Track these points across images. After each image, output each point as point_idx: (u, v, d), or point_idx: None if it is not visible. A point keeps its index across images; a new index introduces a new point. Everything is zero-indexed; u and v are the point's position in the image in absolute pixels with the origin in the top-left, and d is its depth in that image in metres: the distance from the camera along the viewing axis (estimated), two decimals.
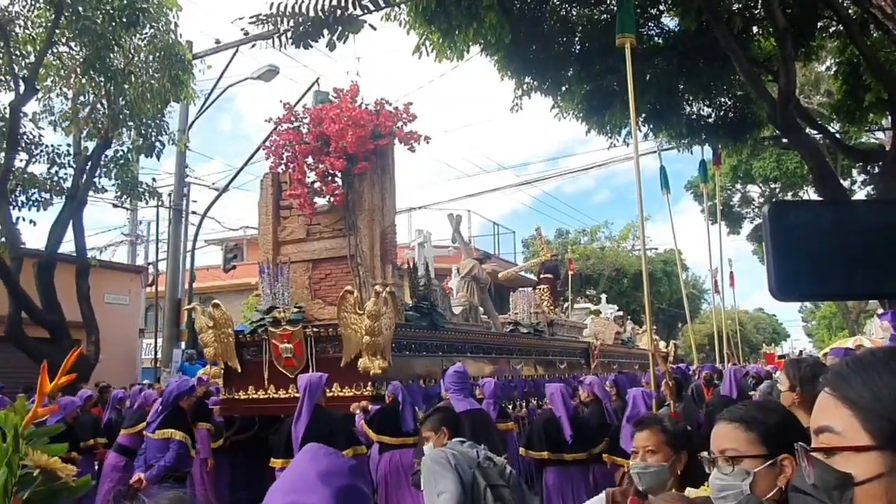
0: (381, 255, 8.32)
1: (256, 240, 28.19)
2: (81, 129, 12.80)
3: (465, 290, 11.23)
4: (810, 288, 0.82)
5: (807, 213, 0.84)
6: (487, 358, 10.20)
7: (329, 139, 8.18)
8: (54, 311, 12.57)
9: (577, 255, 33.44)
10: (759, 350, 38.39)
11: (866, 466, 0.80)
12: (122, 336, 17.78)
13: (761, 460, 1.69)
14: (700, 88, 12.26)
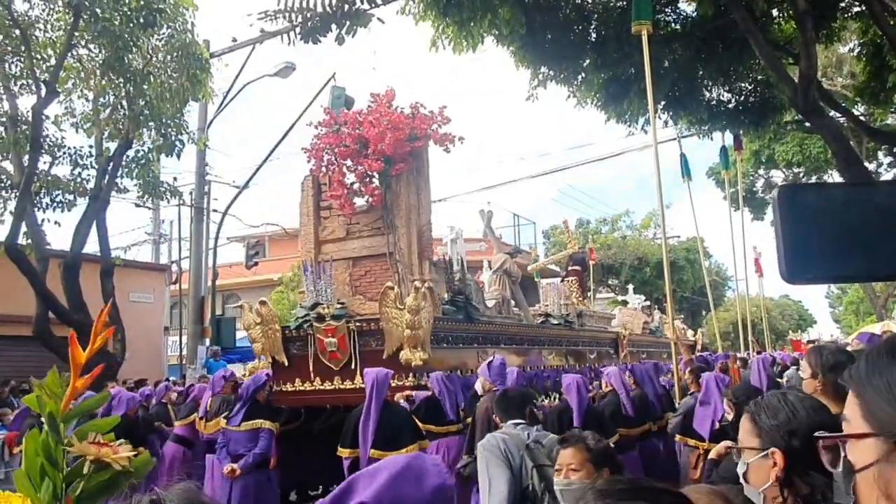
0: (419, 252, 8.76)
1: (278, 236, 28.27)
2: (103, 130, 12.94)
3: (497, 283, 11.63)
4: (821, 271, 0.81)
5: (817, 196, 0.83)
6: (520, 349, 10.45)
7: (367, 142, 8.59)
8: (80, 311, 12.74)
9: (599, 244, 33.28)
10: (786, 337, 38.00)
11: (864, 454, 0.81)
12: (148, 334, 18.02)
13: (754, 452, 1.72)
14: (720, 73, 12.10)
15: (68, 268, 12.72)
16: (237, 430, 6.96)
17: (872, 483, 0.80)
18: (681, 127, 14.62)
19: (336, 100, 12.65)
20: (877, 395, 0.81)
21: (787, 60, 11.29)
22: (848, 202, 0.81)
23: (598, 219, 40.43)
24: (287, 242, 29.92)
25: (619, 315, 17.61)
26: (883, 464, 0.79)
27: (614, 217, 40.00)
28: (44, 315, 12.34)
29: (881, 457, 0.79)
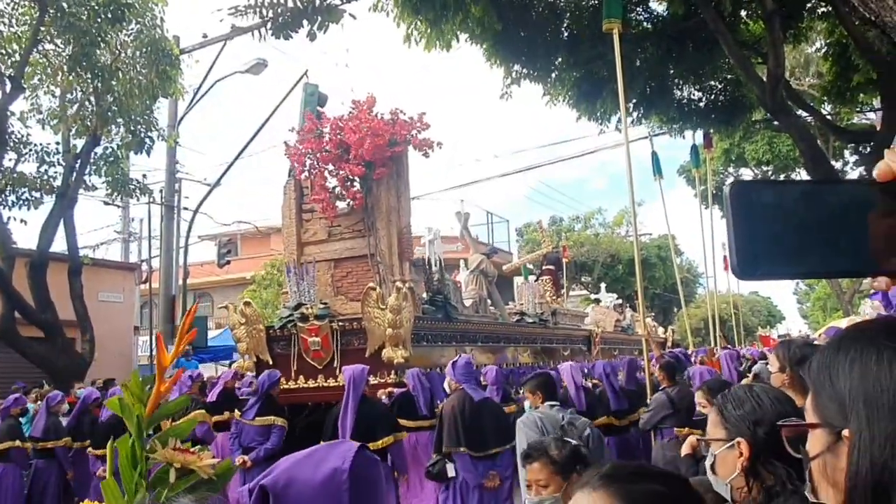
0: (399, 254, 9.12)
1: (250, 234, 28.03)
2: (70, 126, 12.72)
3: (474, 283, 11.98)
4: (772, 267, 0.81)
5: (769, 193, 0.83)
6: (496, 347, 10.78)
7: (349, 147, 8.86)
8: (47, 310, 12.54)
9: (572, 242, 33.47)
10: (755, 333, 38.55)
11: (814, 444, 0.84)
12: (118, 334, 17.76)
13: (721, 443, 1.74)
14: (690, 72, 12.24)
15: (35, 267, 12.50)
16: (250, 423, 7.19)
17: (822, 472, 0.83)
18: (652, 125, 14.76)
19: (309, 97, 12.56)
20: (822, 388, 0.84)
21: (756, 60, 11.45)
22: (799, 200, 0.81)
23: (571, 216, 40.69)
24: (259, 241, 29.71)
25: (592, 313, 17.99)
26: (828, 454, 0.82)
27: (587, 215, 40.28)
28: (10, 315, 12.12)
29: (826, 447, 0.82)
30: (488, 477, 5.71)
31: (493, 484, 5.71)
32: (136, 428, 1.25)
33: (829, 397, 0.82)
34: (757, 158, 24.01)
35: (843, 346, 0.84)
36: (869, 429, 0.77)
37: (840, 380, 0.81)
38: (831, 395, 0.82)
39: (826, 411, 0.83)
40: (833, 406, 0.81)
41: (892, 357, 0.78)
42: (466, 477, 5.69)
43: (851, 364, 0.81)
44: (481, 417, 5.77)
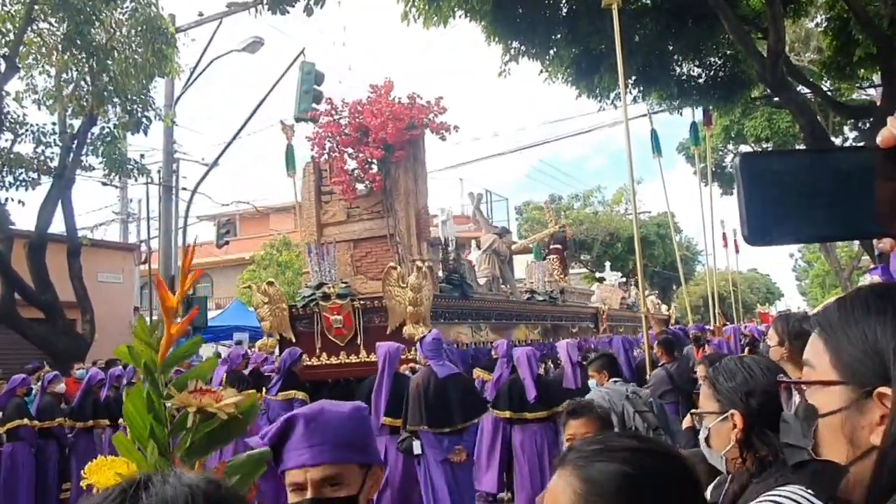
0: (417, 234, 9.42)
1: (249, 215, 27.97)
2: (66, 106, 12.63)
3: (486, 262, 12.35)
4: (781, 233, 0.85)
5: (777, 162, 0.87)
6: (509, 324, 11.25)
7: (368, 130, 9.12)
8: (47, 292, 12.54)
9: (571, 220, 33.43)
10: (754, 310, 38.63)
11: (829, 400, 0.84)
12: (118, 314, 17.77)
13: (714, 416, 1.73)
14: (689, 49, 12.15)
15: (34, 248, 12.48)
16: (274, 399, 7.54)
17: (837, 429, 0.83)
18: (651, 102, 14.68)
19: (306, 76, 12.49)
20: (850, 344, 0.83)
21: (756, 35, 11.36)
22: (805, 168, 0.84)
23: (570, 194, 40.60)
24: (258, 221, 29.68)
25: (598, 291, 18.41)
26: (850, 411, 0.81)
27: (586, 193, 40.19)
28: (9, 296, 12.13)
29: (849, 404, 0.82)
30: (454, 451, 5.77)
31: (460, 458, 5.80)
32: (146, 374, 1.22)
33: (864, 353, 0.81)
34: (756, 135, 23.88)
35: (874, 304, 0.83)
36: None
37: (879, 336, 0.81)
38: (865, 351, 0.81)
39: (853, 368, 0.82)
40: (868, 363, 0.81)
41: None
42: (429, 453, 5.79)
43: (892, 321, 0.80)
44: (446, 393, 5.83)
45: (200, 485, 0.69)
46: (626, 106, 8.34)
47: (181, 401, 1.21)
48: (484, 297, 10.77)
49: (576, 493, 1.02)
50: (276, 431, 1.51)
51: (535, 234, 21.44)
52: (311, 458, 1.46)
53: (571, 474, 1.04)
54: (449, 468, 5.78)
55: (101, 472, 1.11)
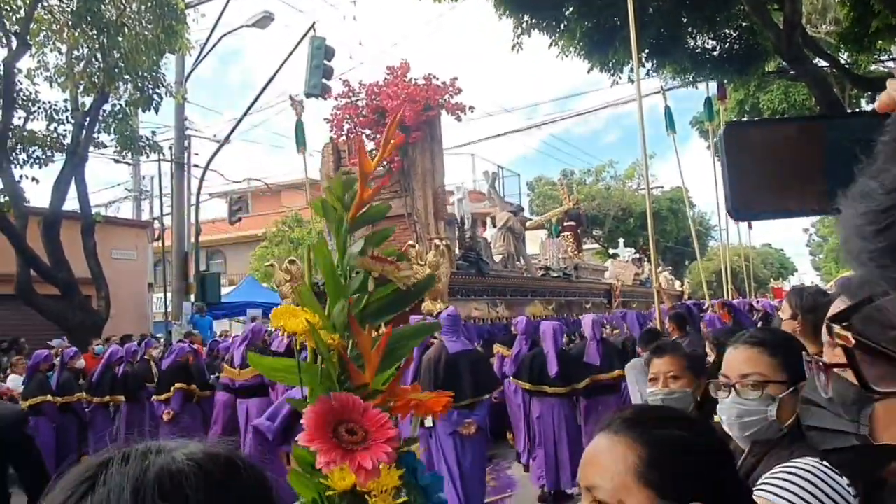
0: (434, 212, 9.74)
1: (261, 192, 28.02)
2: (77, 83, 12.65)
3: (502, 239, 12.57)
4: (766, 206, 0.82)
5: (763, 132, 0.83)
6: (524, 300, 11.49)
7: (385, 112, 9.37)
8: (62, 269, 12.66)
9: (583, 195, 33.29)
10: (767, 285, 38.47)
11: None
12: (132, 291, 17.95)
13: (784, 386, 1.64)
14: (704, 21, 11.96)
15: (48, 225, 12.58)
16: None
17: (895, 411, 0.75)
18: (665, 76, 14.52)
19: (316, 50, 12.43)
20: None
21: (772, 6, 11.17)
22: (795, 137, 0.81)
23: (583, 170, 40.38)
24: (270, 198, 29.72)
25: (612, 267, 18.64)
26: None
27: (598, 168, 39.95)
28: (25, 273, 12.25)
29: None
30: (463, 425, 5.84)
31: (469, 431, 5.85)
32: (336, 230, 1.23)
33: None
34: (772, 108, 23.57)
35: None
36: None
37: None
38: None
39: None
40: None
41: None
42: (439, 425, 5.84)
43: None
44: (457, 368, 5.89)
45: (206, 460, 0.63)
46: (640, 80, 8.25)
47: (364, 264, 1.19)
48: (500, 274, 10.93)
49: (639, 458, 1.03)
50: (287, 414, 1.47)
51: (550, 211, 21.53)
52: None
53: (632, 439, 1.05)
54: (458, 440, 5.85)
55: (289, 318, 1.10)
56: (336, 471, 0.93)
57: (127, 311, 16.56)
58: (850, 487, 1.36)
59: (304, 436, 0.94)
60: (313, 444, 0.93)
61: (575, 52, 12.12)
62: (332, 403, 0.99)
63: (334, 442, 0.94)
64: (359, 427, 0.97)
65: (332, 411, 0.98)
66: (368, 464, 0.93)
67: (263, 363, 1.19)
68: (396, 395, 1.13)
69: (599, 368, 6.90)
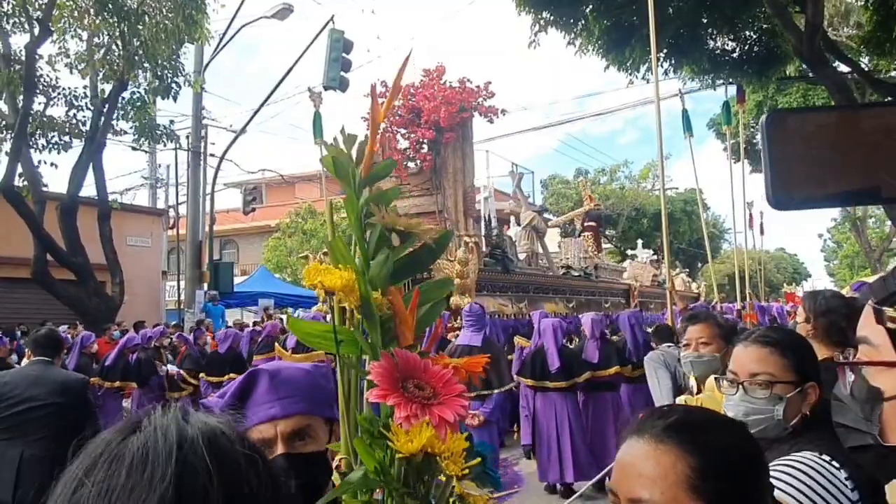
0: (464, 210, 10.12)
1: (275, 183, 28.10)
2: (97, 70, 12.75)
3: (526, 238, 12.92)
4: (808, 196, 0.80)
5: (806, 120, 0.81)
6: (545, 297, 11.87)
7: (420, 112, 9.78)
8: (79, 254, 12.76)
9: (597, 195, 33.21)
10: (780, 290, 38.22)
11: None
12: (146, 278, 18.09)
13: (792, 386, 1.65)
14: (724, 22, 11.89)
15: (65, 210, 12.68)
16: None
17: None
18: (683, 77, 14.44)
19: (335, 43, 12.46)
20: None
21: (794, 9, 11.09)
22: (839, 125, 0.79)
23: (597, 169, 40.26)
24: (284, 189, 29.83)
25: (630, 268, 19.10)
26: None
27: (613, 168, 39.82)
28: (42, 257, 12.36)
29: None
30: (468, 415, 5.92)
31: (474, 422, 5.92)
32: (351, 188, 1.14)
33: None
34: None
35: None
36: None
37: None
38: None
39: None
40: None
41: None
42: None
43: None
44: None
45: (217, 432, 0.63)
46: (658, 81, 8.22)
47: (387, 220, 1.10)
48: (524, 271, 11.27)
49: (692, 468, 0.94)
50: (238, 387, 1.44)
51: (572, 212, 21.75)
52: (282, 409, 1.41)
53: (681, 448, 0.96)
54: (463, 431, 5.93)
55: (325, 275, 1.05)
56: (402, 434, 0.89)
57: (140, 298, 16.69)
58: (849, 481, 1.38)
59: (376, 392, 0.90)
60: (390, 399, 0.89)
61: (592, 51, 12.08)
62: (397, 360, 0.96)
63: (408, 396, 0.91)
64: (426, 384, 0.94)
65: (398, 368, 0.94)
66: (449, 416, 0.90)
67: (300, 328, 1.17)
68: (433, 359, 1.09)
69: (597, 366, 7.05)
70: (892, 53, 12.92)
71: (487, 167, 28.37)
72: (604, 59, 12.17)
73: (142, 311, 15.90)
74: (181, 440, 0.58)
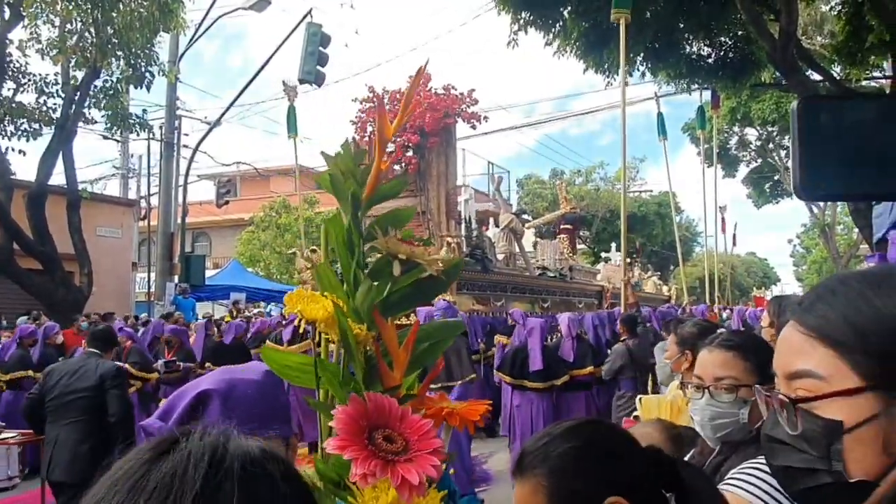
0: (447, 212, 10.54)
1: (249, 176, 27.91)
2: (69, 57, 12.51)
3: (504, 240, 13.35)
4: (837, 187, 0.78)
5: (838, 109, 0.78)
6: (522, 296, 12.33)
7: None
8: (46, 243, 12.55)
9: (572, 195, 33.40)
10: (750, 293, 38.74)
11: (856, 410, 0.72)
12: (115, 269, 17.82)
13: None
14: (700, 27, 12.01)
15: (33, 198, 12.46)
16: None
17: (870, 439, 0.72)
18: (660, 81, 14.57)
19: (312, 37, 12.38)
20: (864, 342, 0.73)
21: (769, 17, 11.23)
22: (870, 116, 0.76)
23: (573, 170, 40.50)
24: (258, 183, 29.59)
25: (604, 270, 19.62)
26: (884, 417, 0.71)
27: (588, 169, 40.09)
28: (8, 246, 12.14)
29: (881, 410, 0.71)
30: None
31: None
32: (351, 207, 1.04)
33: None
34: (763, 118, 23.80)
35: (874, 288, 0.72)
36: None
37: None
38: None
39: (874, 370, 0.71)
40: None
41: None
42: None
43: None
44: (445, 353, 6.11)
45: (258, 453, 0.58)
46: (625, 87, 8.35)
47: (388, 246, 0.99)
48: (502, 271, 11.57)
49: (546, 493, 0.99)
50: (184, 411, 1.31)
51: (550, 214, 22.08)
52: None
53: (536, 475, 1.01)
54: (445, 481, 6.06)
55: (308, 303, 0.95)
56: (368, 490, 0.78)
57: (109, 289, 16.45)
58: None
59: (335, 442, 0.80)
60: (347, 452, 0.79)
61: (570, 52, 12.13)
62: (367, 405, 0.84)
63: (372, 450, 0.80)
64: (397, 435, 0.83)
65: (367, 415, 0.83)
66: (414, 478, 0.78)
67: (275, 358, 1.07)
68: (427, 402, 0.98)
69: (573, 364, 7.17)
70: (863, 63, 13.13)
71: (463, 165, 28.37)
72: (582, 60, 12.23)
73: (110, 303, 15.68)
74: (213, 472, 0.53)
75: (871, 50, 11.93)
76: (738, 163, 30.04)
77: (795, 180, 0.77)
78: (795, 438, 0.76)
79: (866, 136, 0.76)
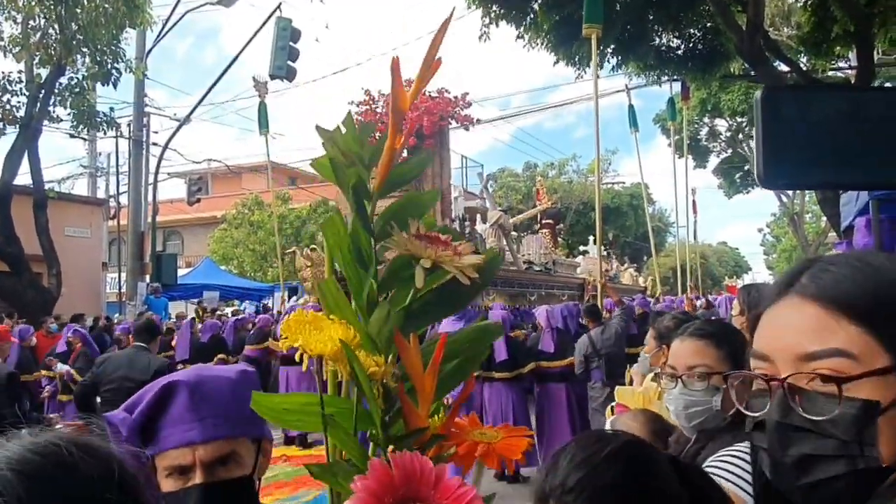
0: (441, 211, 10.65)
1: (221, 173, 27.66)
2: (33, 54, 12.28)
3: (493, 235, 13.79)
4: (799, 176, 0.79)
5: (800, 99, 0.79)
6: (511, 291, 12.90)
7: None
8: (13, 244, 12.33)
9: (545, 189, 33.53)
10: (722, 283, 39.24)
11: (889, 390, 0.68)
12: (85, 269, 17.55)
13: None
14: (669, 19, 12.10)
15: None
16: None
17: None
18: (630, 73, 14.67)
19: (282, 31, 12.28)
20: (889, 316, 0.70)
21: (736, 8, 11.35)
22: (835, 107, 0.77)
23: (546, 163, 40.64)
24: (230, 180, 29.30)
25: (584, 263, 19.94)
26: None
27: (561, 161, 40.26)
28: None
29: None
30: None
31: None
32: (356, 200, 0.84)
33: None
34: (733, 108, 24.08)
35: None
36: None
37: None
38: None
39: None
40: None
41: None
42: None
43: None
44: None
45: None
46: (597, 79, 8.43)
47: (409, 248, 0.82)
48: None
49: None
50: (150, 402, 1.21)
51: (533, 209, 22.24)
52: (202, 433, 1.19)
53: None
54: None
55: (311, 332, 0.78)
56: None
57: (79, 290, 16.20)
58: None
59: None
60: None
61: (541, 45, 12.16)
62: (392, 473, 0.66)
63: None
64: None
65: (393, 487, 0.65)
66: None
67: (266, 405, 0.90)
68: (457, 436, 0.80)
69: (552, 356, 7.28)
70: (828, 54, 13.32)
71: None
72: (553, 53, 12.27)
73: (80, 304, 15.43)
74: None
75: (837, 41, 12.10)
76: (709, 153, 30.38)
77: (759, 169, 0.77)
78: (821, 424, 0.70)
79: (828, 126, 0.76)
